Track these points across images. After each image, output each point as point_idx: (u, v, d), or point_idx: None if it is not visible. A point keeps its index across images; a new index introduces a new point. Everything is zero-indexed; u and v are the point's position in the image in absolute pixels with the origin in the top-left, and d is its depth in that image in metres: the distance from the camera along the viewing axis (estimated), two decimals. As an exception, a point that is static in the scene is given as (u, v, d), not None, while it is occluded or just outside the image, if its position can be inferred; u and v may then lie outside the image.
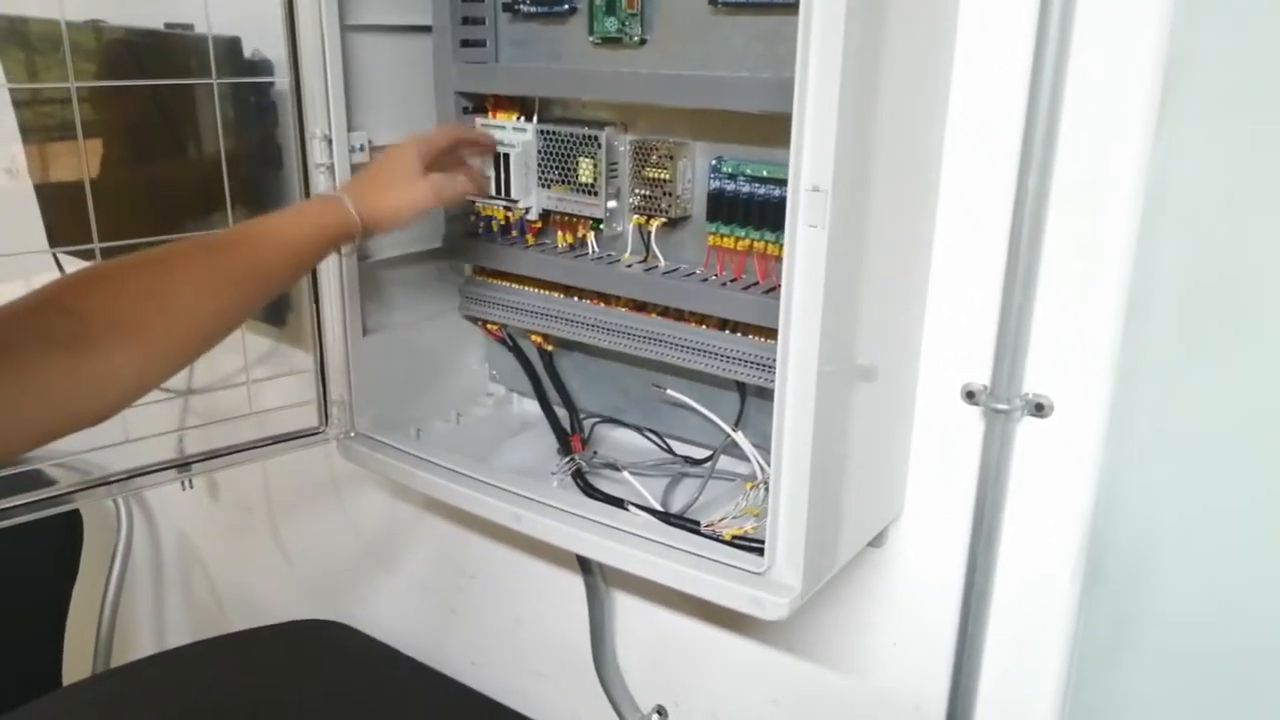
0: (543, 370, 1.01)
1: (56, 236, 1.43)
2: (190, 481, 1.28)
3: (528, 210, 0.92)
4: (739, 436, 0.85)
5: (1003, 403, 0.75)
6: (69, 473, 1.04)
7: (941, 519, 0.82)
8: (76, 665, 1.52)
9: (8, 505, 0.91)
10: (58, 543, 1.49)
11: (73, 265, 0.75)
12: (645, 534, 0.77)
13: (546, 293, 0.94)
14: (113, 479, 0.94)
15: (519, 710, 1.15)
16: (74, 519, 1.50)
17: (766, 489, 0.83)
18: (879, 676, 0.90)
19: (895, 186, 0.70)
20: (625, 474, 0.88)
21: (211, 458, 0.93)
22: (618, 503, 0.84)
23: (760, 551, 0.71)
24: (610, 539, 0.77)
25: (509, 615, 1.18)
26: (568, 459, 0.91)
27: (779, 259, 0.80)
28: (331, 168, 0.88)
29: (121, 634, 1.54)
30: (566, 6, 0.87)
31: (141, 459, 0.96)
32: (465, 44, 0.92)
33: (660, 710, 1.07)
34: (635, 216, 0.88)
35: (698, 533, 0.78)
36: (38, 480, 1.02)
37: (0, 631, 1.46)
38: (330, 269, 0.90)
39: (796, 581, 0.69)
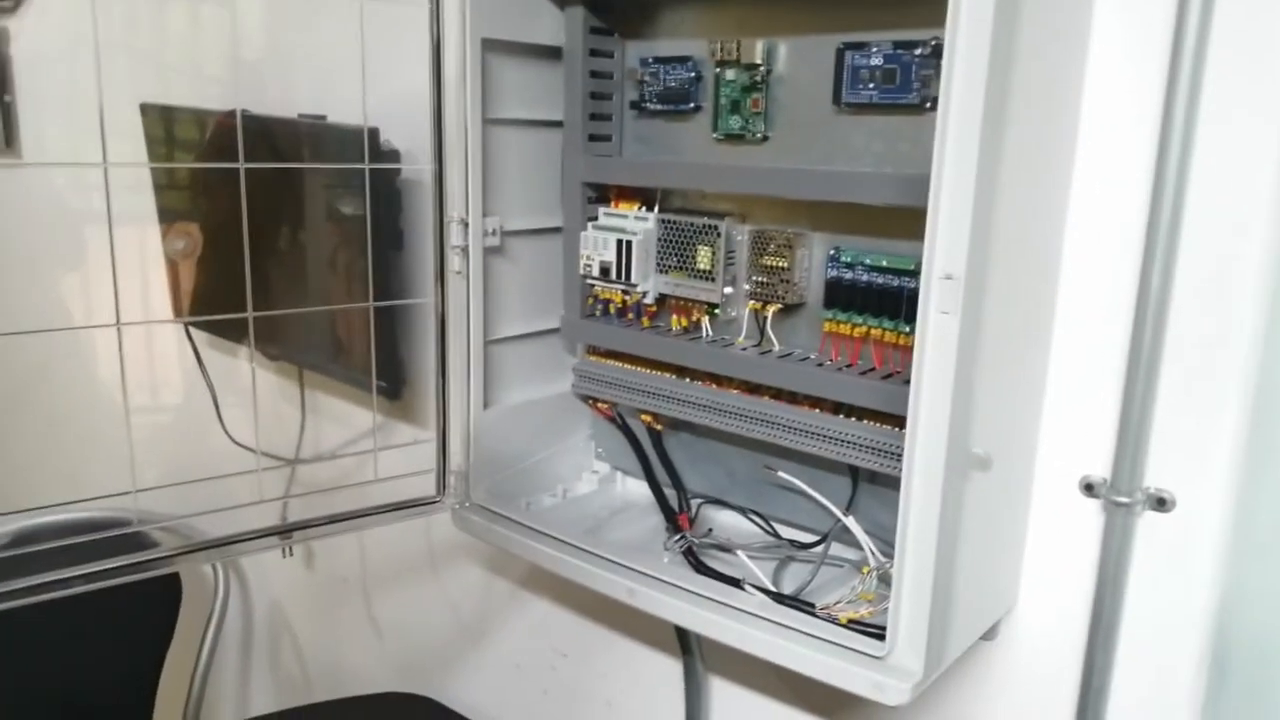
0: (651, 449, 1.03)
1: (183, 309, 1.51)
2: (290, 549, 1.32)
3: (645, 294, 0.95)
4: (850, 521, 0.86)
5: (1124, 496, 0.75)
6: (172, 536, 1.08)
7: (1057, 613, 0.81)
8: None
9: (111, 566, 0.94)
10: (157, 607, 1.53)
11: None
12: (761, 614, 0.77)
13: (659, 373, 0.98)
14: (216, 544, 0.97)
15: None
16: (173, 583, 1.54)
17: (880, 575, 0.83)
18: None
19: (1019, 275, 0.72)
20: (738, 554, 0.89)
21: (327, 523, 0.96)
22: (733, 581, 0.85)
23: (877, 636, 0.72)
24: (725, 617, 0.78)
25: (601, 697, 1.18)
26: (679, 536, 0.92)
27: (895, 346, 0.82)
28: (466, 249, 0.93)
29: (206, 699, 1.56)
30: (691, 105, 0.93)
31: (244, 525, 0.99)
32: (593, 138, 0.98)
33: (753, 802, 1.05)
34: (751, 302, 0.91)
35: (813, 615, 0.78)
36: (142, 542, 1.06)
37: (95, 694, 1.49)
38: (457, 345, 0.95)
39: (918, 666, 0.70)
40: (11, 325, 2.29)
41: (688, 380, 0.96)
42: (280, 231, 1.32)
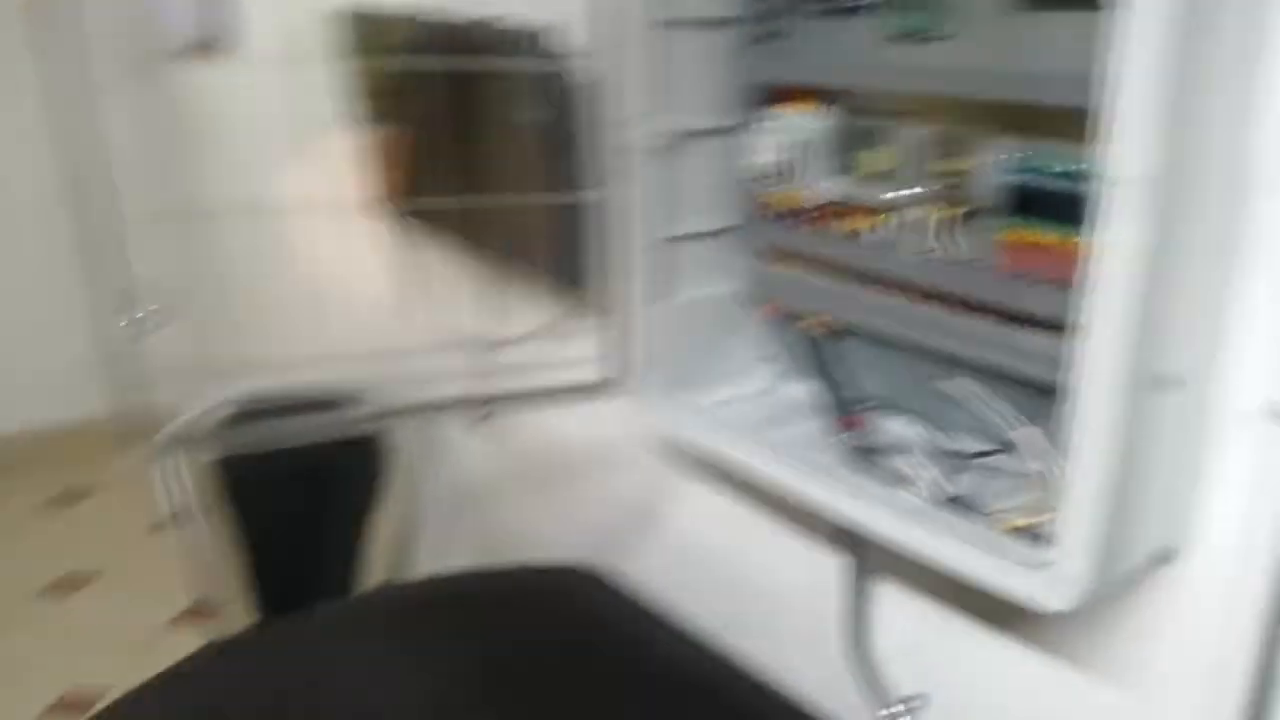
0: (820, 353, 1.04)
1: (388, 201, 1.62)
2: (481, 421, 1.41)
3: (818, 197, 0.95)
4: (1022, 433, 0.85)
5: (1320, 421, 0.71)
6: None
7: (1239, 541, 0.78)
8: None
9: (330, 422, 1.04)
10: (369, 473, 1.70)
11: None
12: (924, 514, 0.79)
13: (830, 277, 0.98)
14: (418, 408, 1.05)
15: (762, 682, 1.20)
16: (382, 453, 1.70)
17: (1050, 488, 0.83)
18: (1153, 700, 0.87)
19: (1210, 179, 0.67)
20: (903, 457, 0.90)
21: (513, 398, 1.02)
22: (897, 482, 0.86)
23: (1043, 545, 0.72)
24: (890, 515, 0.80)
25: (765, 590, 1.22)
26: (844, 435, 0.94)
27: (1078, 254, 0.79)
28: (639, 149, 0.95)
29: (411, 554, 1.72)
30: (865, 2, 0.89)
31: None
32: (763, 37, 0.96)
33: (908, 703, 1.08)
34: (927, 207, 0.89)
35: (978, 519, 0.79)
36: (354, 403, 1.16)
37: (313, 541, 1.68)
38: (632, 242, 0.98)
39: (1081, 576, 0.69)
40: (233, 215, 2.49)
41: (858, 285, 0.95)
42: (469, 132, 1.38)
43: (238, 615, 1.74)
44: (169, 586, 2.56)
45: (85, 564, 2.70)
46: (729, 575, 1.28)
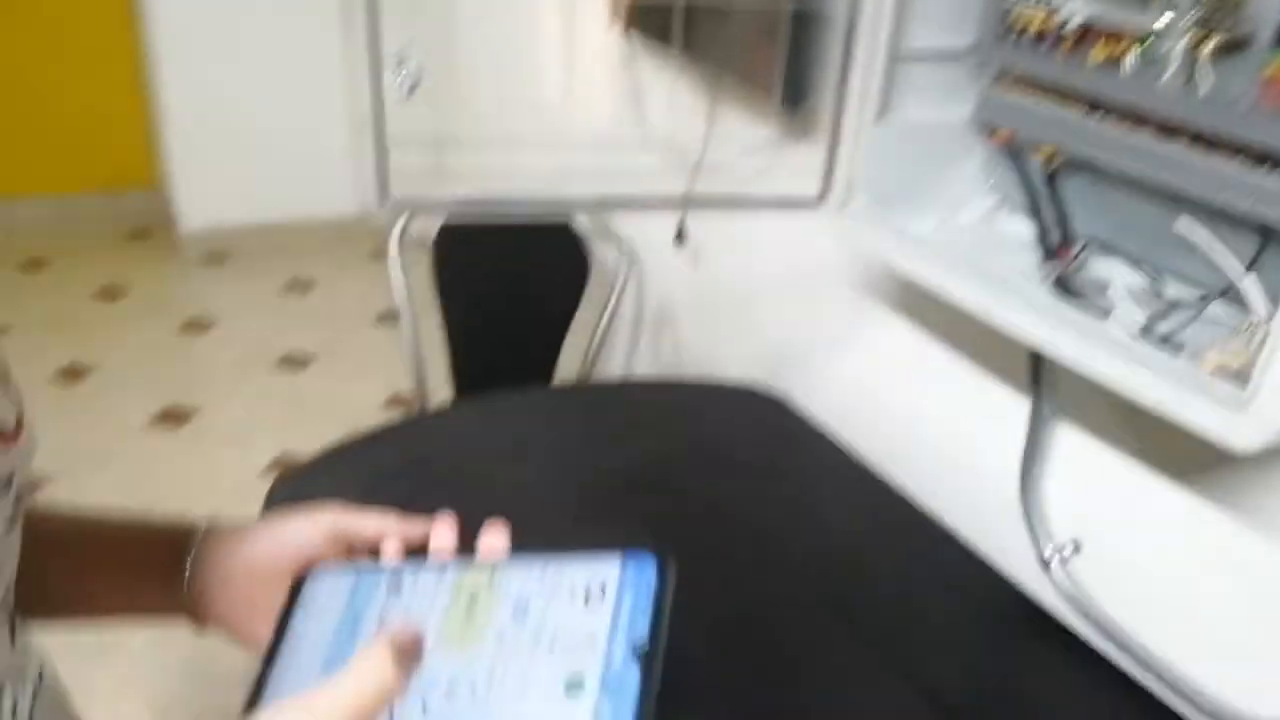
0: (1044, 186, 1.02)
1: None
2: (682, 236, 1.46)
3: (1069, 19, 0.91)
4: (1248, 281, 0.82)
5: None
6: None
7: None
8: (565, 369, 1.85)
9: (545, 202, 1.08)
10: (573, 279, 1.79)
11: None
12: (1123, 346, 0.78)
13: (1071, 106, 0.94)
14: (629, 201, 1.10)
15: (932, 515, 1.23)
16: (586, 261, 1.79)
17: (1260, 334, 0.80)
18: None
19: None
20: (1111, 291, 0.89)
21: (719, 202, 1.05)
22: (1104, 317, 0.85)
23: (1245, 385, 0.71)
24: (1091, 346, 0.80)
25: (945, 425, 1.24)
26: (1058, 270, 0.93)
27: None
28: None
29: (599, 359, 1.83)
30: None
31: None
32: None
33: (1076, 545, 1.09)
34: (1188, 35, 0.84)
35: (1177, 355, 0.78)
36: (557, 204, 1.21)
37: (515, 336, 1.81)
38: (861, 55, 0.98)
39: (1276, 418, 0.68)
40: (466, 32, 2.58)
41: (1100, 116, 0.92)
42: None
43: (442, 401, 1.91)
44: (381, 373, 2.81)
45: (308, 346, 2.98)
46: (907, 409, 1.30)
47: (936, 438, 1.26)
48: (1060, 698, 1.00)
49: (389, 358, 2.93)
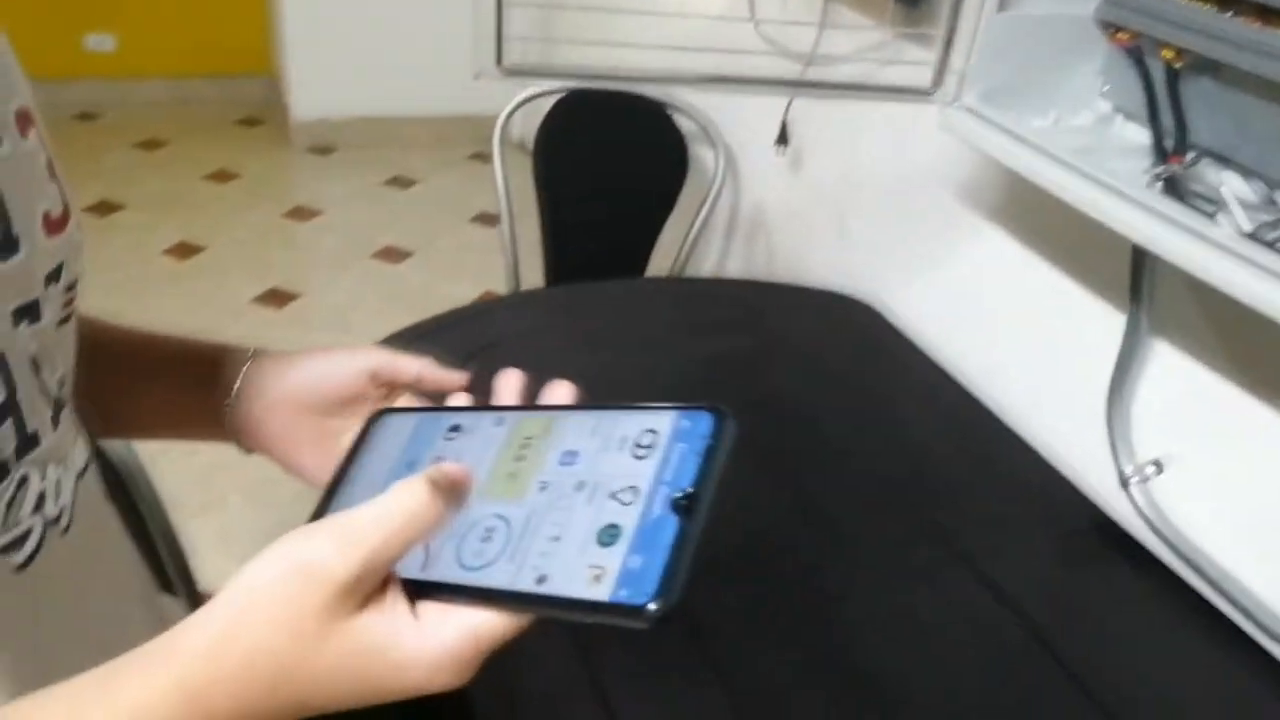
0: (1164, 90, 0.98)
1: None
2: (785, 136, 1.45)
3: (1211, -90, 0.87)
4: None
5: None
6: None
7: None
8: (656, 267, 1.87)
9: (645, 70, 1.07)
10: (671, 177, 1.80)
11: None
12: (1233, 247, 0.76)
13: (1200, 3, 0.91)
14: (738, 79, 1.09)
15: (1014, 428, 1.22)
16: (684, 160, 1.79)
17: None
18: None
19: None
20: (1220, 196, 0.86)
21: (829, 87, 1.05)
22: (1209, 218, 0.83)
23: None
24: (1195, 243, 0.78)
25: (1037, 336, 1.23)
26: (1163, 167, 0.90)
27: None
28: None
29: (691, 259, 1.84)
30: None
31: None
32: None
33: (1158, 464, 1.07)
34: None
35: (1290, 260, 0.76)
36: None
37: (620, 229, 1.83)
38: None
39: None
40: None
41: (1231, 14, 0.88)
42: None
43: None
44: (475, 270, 2.87)
45: (407, 240, 3.06)
46: (999, 321, 1.29)
47: (1027, 351, 1.25)
48: (1129, 612, 1.00)
49: (484, 256, 2.98)
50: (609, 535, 0.37)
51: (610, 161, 1.85)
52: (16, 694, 0.42)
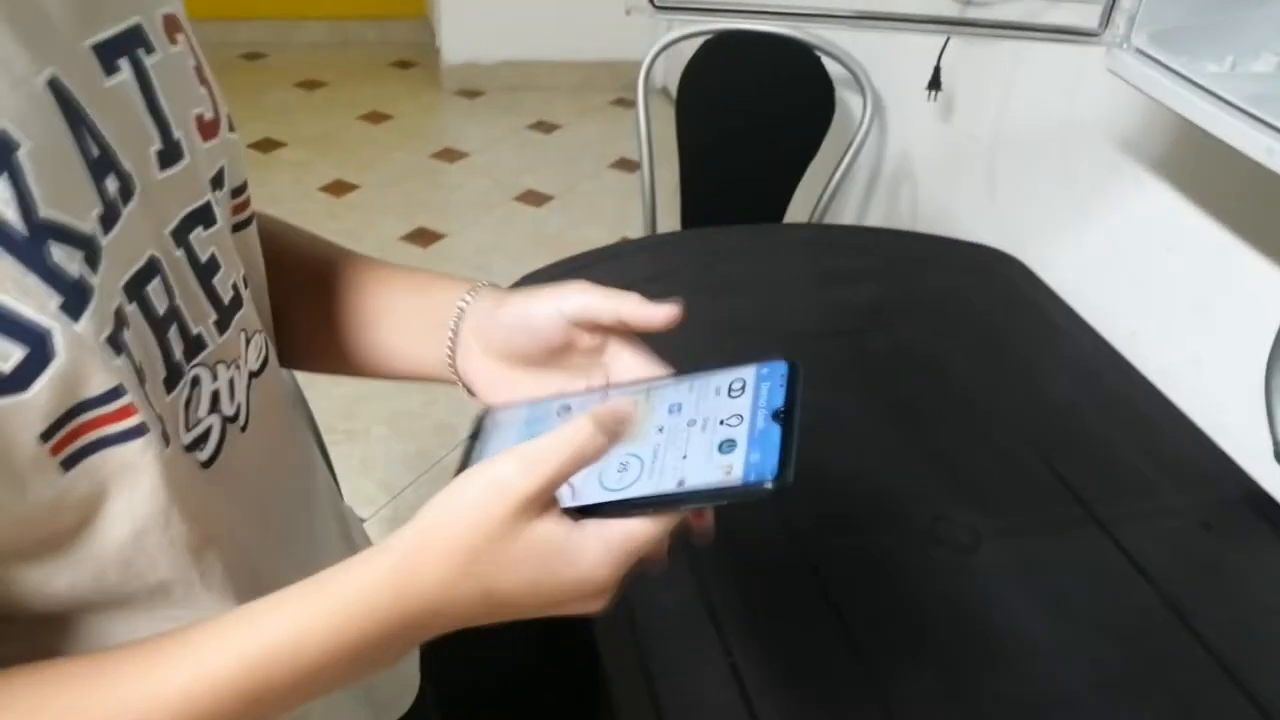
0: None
1: None
2: (938, 81, 1.40)
3: None
4: None
5: None
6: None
7: None
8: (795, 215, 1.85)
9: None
10: (816, 121, 1.77)
11: None
12: None
13: None
14: (895, 19, 1.06)
15: (1164, 391, 1.17)
16: (829, 105, 1.76)
17: None
18: None
19: None
20: None
21: (989, 26, 1.00)
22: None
23: None
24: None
25: (1195, 294, 1.16)
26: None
27: None
28: None
29: (832, 207, 1.81)
30: None
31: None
32: None
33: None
34: None
35: None
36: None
37: (761, 176, 1.82)
38: None
39: None
40: None
41: None
42: None
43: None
44: (614, 216, 2.90)
45: (548, 185, 3.10)
46: (1155, 281, 1.23)
47: (1183, 311, 1.18)
48: (1277, 589, 0.95)
49: (623, 202, 3.00)
50: (728, 446, 0.45)
51: (754, 106, 1.83)
52: (222, 587, 0.47)
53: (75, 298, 0.37)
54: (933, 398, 1.15)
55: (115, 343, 0.39)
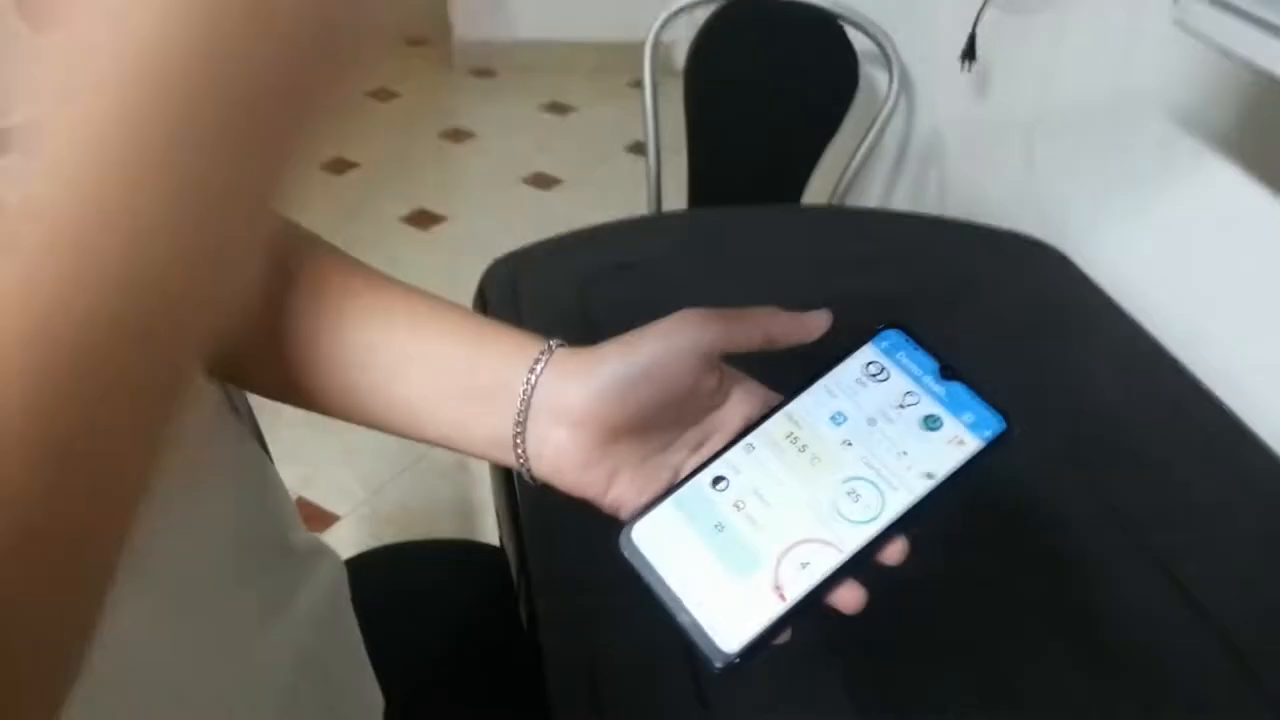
0: None
1: None
2: (973, 52, 1.26)
3: None
4: None
5: None
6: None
7: None
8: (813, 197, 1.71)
9: None
10: (839, 96, 1.63)
11: None
12: None
13: None
14: None
15: (1224, 401, 1.02)
16: (853, 80, 1.62)
17: None
18: None
19: None
20: None
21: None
22: None
23: None
24: None
25: (1261, 292, 1.02)
26: None
27: None
28: None
29: (854, 187, 1.67)
30: None
31: None
32: None
33: None
34: None
35: None
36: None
37: (779, 153, 1.68)
38: None
39: None
40: None
41: None
42: None
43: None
44: (626, 200, 2.76)
45: (559, 168, 2.98)
46: (1217, 274, 1.08)
47: (1247, 311, 1.04)
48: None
49: (635, 187, 2.86)
50: (931, 422, 0.44)
51: (769, 79, 1.69)
52: None
53: None
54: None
55: None
